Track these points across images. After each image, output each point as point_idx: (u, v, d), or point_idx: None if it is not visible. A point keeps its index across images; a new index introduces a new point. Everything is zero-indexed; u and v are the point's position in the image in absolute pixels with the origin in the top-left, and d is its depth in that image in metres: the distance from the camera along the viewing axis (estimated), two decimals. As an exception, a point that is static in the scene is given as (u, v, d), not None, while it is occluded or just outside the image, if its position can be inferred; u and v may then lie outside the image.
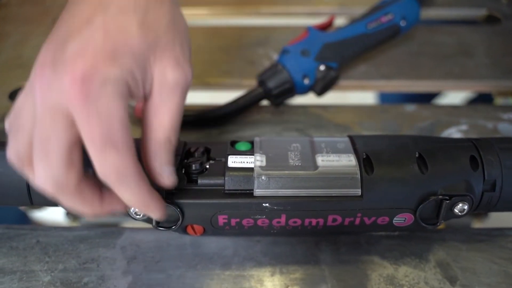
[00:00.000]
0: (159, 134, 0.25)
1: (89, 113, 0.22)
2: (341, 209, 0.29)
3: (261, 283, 0.31)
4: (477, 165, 0.30)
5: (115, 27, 0.23)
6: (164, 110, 0.25)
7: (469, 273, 0.32)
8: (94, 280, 0.32)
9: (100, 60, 0.22)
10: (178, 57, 0.25)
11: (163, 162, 0.26)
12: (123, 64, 0.23)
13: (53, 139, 0.23)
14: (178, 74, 0.25)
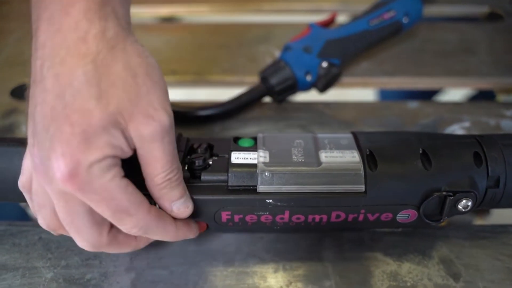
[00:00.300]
0: (156, 180, 0.26)
1: (90, 198, 0.24)
2: (344, 205, 0.29)
3: (264, 279, 0.31)
4: (481, 162, 0.30)
5: (77, 114, 0.23)
6: (153, 160, 0.26)
7: (473, 270, 0.32)
8: (97, 276, 0.32)
9: (76, 152, 0.23)
10: (146, 109, 0.25)
11: (172, 200, 0.27)
12: (98, 144, 0.24)
13: (75, 216, 0.25)
14: (152, 126, 0.25)
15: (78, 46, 0.24)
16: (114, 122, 0.24)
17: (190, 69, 0.47)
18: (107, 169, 0.24)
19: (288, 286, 0.31)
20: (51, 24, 0.24)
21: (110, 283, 0.31)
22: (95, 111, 0.23)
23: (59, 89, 0.23)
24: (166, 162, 0.26)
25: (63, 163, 0.23)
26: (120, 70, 0.24)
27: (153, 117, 0.25)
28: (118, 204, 0.25)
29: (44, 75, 0.24)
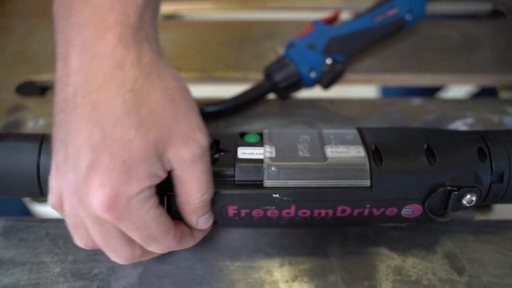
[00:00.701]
0: (191, 199, 0.27)
1: (125, 226, 0.25)
2: (350, 200, 0.29)
3: (270, 274, 0.32)
4: (485, 157, 0.30)
5: (117, 144, 0.23)
6: (190, 180, 0.26)
7: (477, 264, 0.32)
8: (104, 271, 0.32)
9: (116, 183, 0.23)
10: (185, 133, 0.25)
11: (200, 216, 0.28)
12: (138, 175, 0.24)
13: (109, 238, 0.26)
14: (190, 149, 0.25)
15: (116, 73, 0.23)
16: (153, 151, 0.24)
17: (194, 65, 0.47)
18: (145, 201, 0.25)
19: (294, 281, 0.31)
20: (85, 50, 0.24)
21: (118, 277, 0.32)
22: (135, 141, 0.23)
23: (97, 118, 0.23)
24: (203, 181, 0.26)
25: (102, 193, 0.23)
26: (158, 97, 0.24)
27: (192, 138, 0.25)
28: (149, 233, 0.26)
29: (77, 102, 0.23)
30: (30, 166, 0.30)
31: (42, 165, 0.30)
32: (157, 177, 0.25)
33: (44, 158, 0.30)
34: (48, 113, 0.42)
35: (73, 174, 0.24)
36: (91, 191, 0.23)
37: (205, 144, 0.26)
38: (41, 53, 0.48)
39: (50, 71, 0.47)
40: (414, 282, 0.31)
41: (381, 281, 0.31)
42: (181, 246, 0.29)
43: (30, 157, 0.30)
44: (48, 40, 0.50)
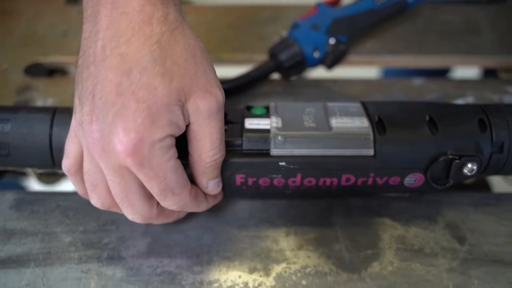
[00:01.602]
0: (204, 156, 0.28)
1: (146, 173, 0.26)
2: (354, 168, 0.30)
3: (276, 243, 0.33)
4: (485, 128, 0.31)
5: (142, 90, 0.25)
6: (205, 136, 0.27)
7: (478, 234, 0.33)
8: (114, 240, 0.33)
9: (141, 128, 0.25)
10: (204, 86, 0.27)
11: (210, 178, 0.29)
12: (162, 122, 0.25)
13: (130, 191, 0.27)
14: (209, 102, 0.26)
15: (143, 28, 0.25)
16: (176, 99, 0.25)
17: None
18: (166, 150, 0.26)
19: (300, 249, 0.32)
20: (115, 8, 0.25)
21: (127, 246, 0.32)
22: (159, 88, 0.25)
23: (125, 67, 0.25)
24: (216, 139, 0.27)
25: (127, 138, 0.24)
26: (181, 50, 0.26)
27: (210, 92, 0.27)
28: (167, 183, 0.26)
29: (107, 55, 0.25)
30: (42, 137, 0.31)
31: (54, 136, 0.31)
32: (177, 127, 0.26)
33: (56, 129, 0.31)
34: (57, 93, 0.43)
35: (98, 123, 0.25)
36: (116, 137, 0.24)
37: (221, 100, 0.27)
38: (48, 36, 0.49)
39: (57, 53, 0.48)
40: (417, 250, 0.32)
41: (385, 249, 0.32)
42: (195, 206, 0.30)
43: (43, 128, 0.31)
44: (55, 24, 0.51)
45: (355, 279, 0.30)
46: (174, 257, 0.32)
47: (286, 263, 0.31)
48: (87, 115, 0.25)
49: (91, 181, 0.28)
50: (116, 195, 0.27)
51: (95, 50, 0.25)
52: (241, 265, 0.31)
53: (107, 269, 0.31)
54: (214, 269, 0.31)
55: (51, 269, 0.31)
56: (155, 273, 0.31)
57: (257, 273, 0.31)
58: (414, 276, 0.31)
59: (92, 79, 0.25)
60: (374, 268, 0.31)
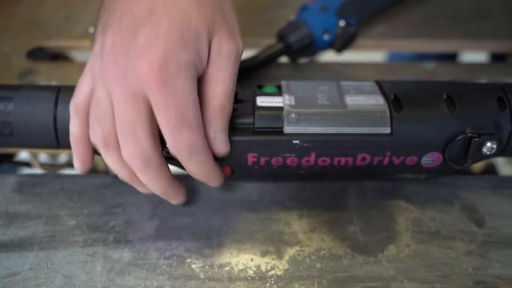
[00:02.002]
0: (213, 102, 0.27)
1: (167, 97, 0.25)
2: (370, 147, 0.29)
3: (289, 226, 0.31)
4: (505, 106, 0.30)
5: (177, 13, 0.25)
6: (219, 79, 0.27)
7: (495, 217, 0.32)
8: (121, 223, 0.32)
9: (171, 47, 0.25)
10: (231, 30, 0.27)
11: (218, 130, 0.28)
12: (191, 48, 0.25)
13: (138, 122, 0.26)
14: (232, 45, 0.27)
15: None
16: (206, 31, 0.26)
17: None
18: (191, 77, 0.25)
19: (313, 232, 0.31)
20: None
21: (134, 229, 0.31)
22: (193, 15, 0.26)
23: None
24: (228, 87, 0.27)
25: (155, 55, 0.24)
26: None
27: (234, 37, 0.27)
28: (186, 114, 0.25)
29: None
30: (47, 116, 0.30)
31: (59, 115, 0.30)
32: (200, 61, 0.26)
33: (61, 107, 0.30)
34: (60, 76, 0.42)
35: (123, 43, 0.25)
36: (143, 55, 0.24)
37: (241, 49, 0.28)
38: (50, 21, 0.48)
39: (59, 37, 0.47)
40: (434, 233, 0.31)
41: (401, 232, 0.31)
42: (204, 161, 0.27)
43: (47, 107, 0.30)
44: (57, 9, 0.50)
45: (371, 261, 0.29)
46: (182, 240, 0.31)
47: (299, 246, 0.30)
48: (111, 38, 0.25)
49: (98, 113, 0.27)
50: (122, 127, 0.26)
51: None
52: (252, 248, 0.30)
53: (114, 252, 0.30)
54: (225, 252, 0.30)
55: (55, 252, 0.30)
56: (163, 256, 0.30)
57: (269, 256, 0.30)
58: (432, 259, 0.30)
59: (122, 4, 0.26)
60: (390, 251, 0.30)
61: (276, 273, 0.29)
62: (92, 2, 0.50)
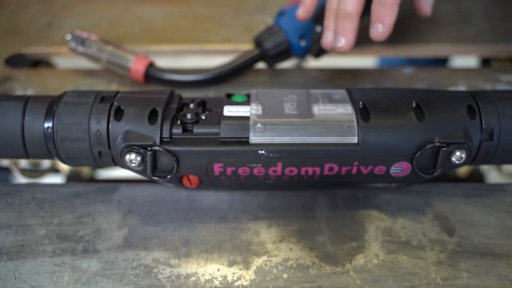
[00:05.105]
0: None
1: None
2: (337, 157, 0.29)
3: (257, 235, 0.31)
4: (474, 114, 0.30)
5: None
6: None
7: (467, 225, 0.32)
8: (90, 233, 0.32)
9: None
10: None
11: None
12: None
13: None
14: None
15: None
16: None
17: (186, 38, 0.47)
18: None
19: (282, 241, 0.31)
20: None
21: (103, 239, 0.31)
22: None
23: None
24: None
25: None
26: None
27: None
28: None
29: None
30: (14, 126, 0.30)
31: (26, 125, 0.30)
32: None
33: (28, 117, 0.30)
34: (37, 83, 0.42)
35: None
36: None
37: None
38: (31, 27, 0.48)
39: (40, 44, 0.47)
40: (404, 242, 0.31)
41: (370, 241, 0.31)
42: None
43: (15, 117, 0.30)
44: (38, 15, 0.50)
45: (339, 272, 0.29)
46: (151, 249, 0.30)
47: (267, 256, 0.30)
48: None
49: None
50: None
51: None
52: (220, 258, 0.30)
53: (82, 262, 0.30)
54: (192, 262, 0.30)
55: (23, 262, 0.30)
56: (130, 266, 0.30)
57: (236, 266, 0.30)
58: (400, 269, 0.29)
59: None
60: (358, 261, 0.30)
61: (242, 283, 0.29)
62: (73, 8, 0.50)
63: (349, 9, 0.33)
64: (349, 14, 0.33)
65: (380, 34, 0.33)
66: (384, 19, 0.33)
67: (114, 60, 0.40)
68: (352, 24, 0.34)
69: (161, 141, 0.28)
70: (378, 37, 0.34)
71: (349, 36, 0.34)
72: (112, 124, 0.29)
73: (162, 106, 0.29)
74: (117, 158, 0.29)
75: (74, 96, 0.30)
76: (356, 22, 0.34)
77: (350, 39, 0.34)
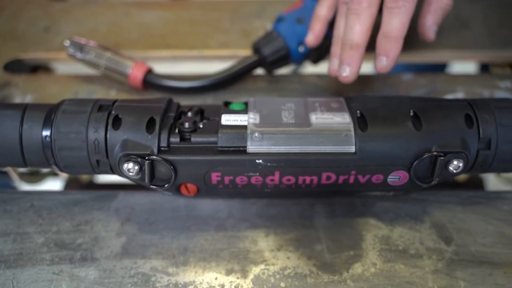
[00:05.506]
0: (441, 4, 0.35)
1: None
2: (335, 166, 0.29)
3: (255, 243, 0.31)
4: (472, 123, 0.30)
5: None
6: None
7: (465, 234, 0.32)
8: (88, 241, 0.32)
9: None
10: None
11: (435, 21, 0.36)
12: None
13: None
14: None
15: None
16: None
17: (184, 43, 0.47)
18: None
19: (279, 250, 0.31)
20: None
21: (101, 247, 0.31)
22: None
23: None
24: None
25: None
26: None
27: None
28: None
29: None
30: (12, 134, 0.30)
31: (24, 133, 0.30)
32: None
33: (26, 126, 0.30)
34: (36, 89, 0.42)
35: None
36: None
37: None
38: (29, 33, 0.48)
39: (38, 50, 0.47)
40: (401, 251, 0.31)
41: (368, 250, 0.31)
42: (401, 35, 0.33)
43: (13, 125, 0.30)
44: (37, 20, 0.50)
45: (336, 281, 0.29)
46: (148, 258, 0.31)
47: (264, 264, 0.30)
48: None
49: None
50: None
51: None
52: (217, 266, 0.30)
53: (80, 270, 0.30)
54: (190, 270, 0.30)
55: (21, 270, 0.30)
56: (128, 275, 0.30)
57: (234, 275, 0.30)
58: (397, 278, 0.29)
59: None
60: (356, 269, 0.30)
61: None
62: (72, 13, 0.50)
63: (356, 40, 0.33)
64: (356, 44, 0.33)
65: (384, 66, 0.33)
66: (389, 53, 0.33)
67: (113, 66, 0.40)
68: (358, 54, 0.34)
69: (158, 150, 0.28)
70: (382, 70, 0.34)
71: (354, 66, 0.34)
72: (110, 133, 0.29)
73: (160, 114, 0.29)
74: (115, 167, 0.29)
75: (72, 105, 0.30)
76: (362, 52, 0.34)
77: (355, 69, 0.34)
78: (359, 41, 0.33)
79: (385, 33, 0.33)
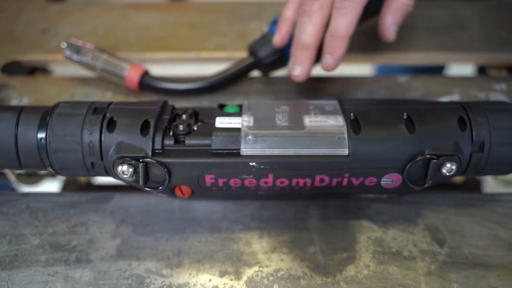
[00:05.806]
0: (400, 4, 0.35)
1: None
2: (328, 168, 0.29)
3: (249, 245, 0.32)
4: (465, 126, 0.30)
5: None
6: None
7: (458, 236, 0.32)
8: (83, 243, 0.32)
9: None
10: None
11: (395, 22, 0.36)
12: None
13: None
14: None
15: None
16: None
17: (181, 45, 0.47)
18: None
19: (273, 252, 0.31)
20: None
21: (96, 249, 0.31)
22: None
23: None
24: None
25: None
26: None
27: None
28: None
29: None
30: (8, 136, 0.30)
31: (20, 136, 0.30)
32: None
33: (22, 128, 0.30)
34: (33, 91, 0.42)
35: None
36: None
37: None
38: (27, 34, 0.48)
39: (36, 51, 0.47)
40: (395, 253, 0.31)
41: (361, 252, 0.31)
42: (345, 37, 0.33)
43: (8, 128, 0.30)
44: (34, 21, 0.50)
45: (329, 283, 0.29)
46: (143, 259, 0.31)
47: (258, 266, 0.30)
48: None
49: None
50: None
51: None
52: (211, 268, 0.30)
53: (75, 272, 0.30)
54: (184, 272, 0.30)
55: (17, 272, 0.30)
56: (123, 277, 0.30)
57: (228, 277, 0.30)
58: (390, 280, 0.30)
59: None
60: (349, 271, 0.30)
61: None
62: (69, 15, 0.51)
63: (307, 41, 0.34)
64: (306, 45, 0.34)
65: (329, 64, 0.34)
66: (334, 52, 0.33)
67: (109, 68, 0.40)
68: (309, 54, 0.34)
69: (153, 153, 0.29)
70: (327, 68, 0.34)
71: (305, 65, 0.34)
72: (104, 136, 0.29)
73: (154, 117, 0.30)
74: (110, 169, 0.29)
75: (67, 107, 0.30)
76: (313, 53, 0.34)
77: (305, 68, 0.34)
78: (310, 41, 0.34)
79: (331, 33, 0.33)
